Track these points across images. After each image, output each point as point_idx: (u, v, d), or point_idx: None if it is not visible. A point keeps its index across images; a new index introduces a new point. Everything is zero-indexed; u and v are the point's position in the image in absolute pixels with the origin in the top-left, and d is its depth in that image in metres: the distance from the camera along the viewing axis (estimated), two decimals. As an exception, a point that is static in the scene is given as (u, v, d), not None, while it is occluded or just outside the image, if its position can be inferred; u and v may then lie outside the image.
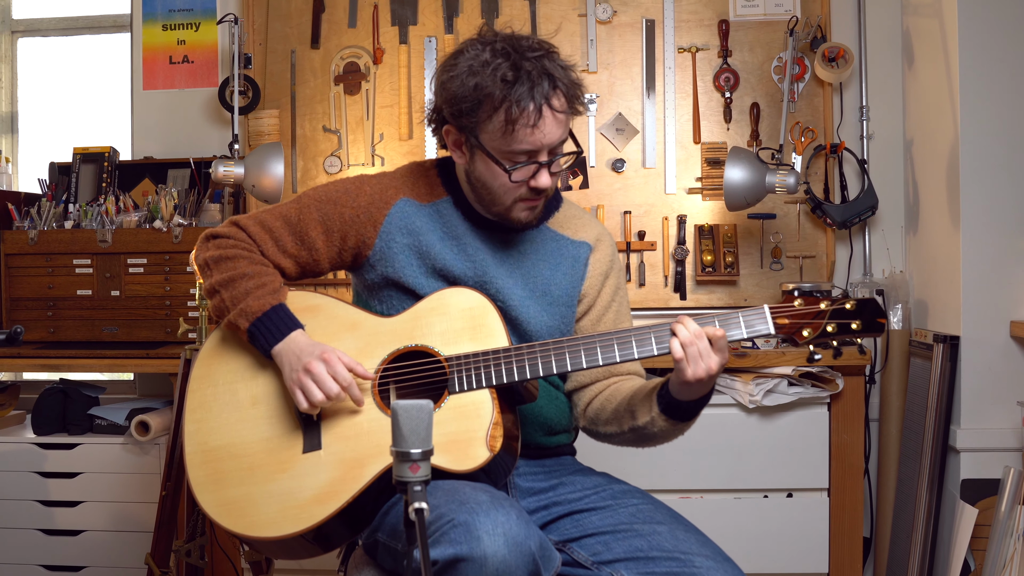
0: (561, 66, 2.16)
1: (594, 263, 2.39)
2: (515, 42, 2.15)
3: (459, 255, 2.29)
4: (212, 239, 2.32)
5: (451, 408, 2.14)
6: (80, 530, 3.78)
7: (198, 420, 2.27)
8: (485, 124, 2.15)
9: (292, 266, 2.32)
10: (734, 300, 3.98)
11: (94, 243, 3.82)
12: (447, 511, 1.90)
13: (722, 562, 2.07)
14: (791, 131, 3.94)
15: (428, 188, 2.36)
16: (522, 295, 2.30)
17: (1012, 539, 3.14)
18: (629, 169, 4.05)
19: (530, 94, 2.09)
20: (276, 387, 2.25)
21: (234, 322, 2.22)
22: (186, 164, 4.16)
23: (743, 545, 3.38)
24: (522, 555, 1.86)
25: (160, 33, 4.34)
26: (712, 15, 4.05)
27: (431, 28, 4.14)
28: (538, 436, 2.34)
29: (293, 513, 2.13)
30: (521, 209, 2.25)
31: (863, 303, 2.12)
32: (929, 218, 3.71)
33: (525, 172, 2.17)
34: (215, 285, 2.25)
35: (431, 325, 2.22)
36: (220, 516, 2.18)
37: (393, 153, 4.12)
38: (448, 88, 2.17)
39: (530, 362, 2.14)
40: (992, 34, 3.35)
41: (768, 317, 2.11)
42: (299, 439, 2.20)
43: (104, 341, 3.83)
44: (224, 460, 2.22)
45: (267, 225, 2.30)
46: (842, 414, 3.50)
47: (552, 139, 2.15)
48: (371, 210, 2.30)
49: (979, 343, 3.36)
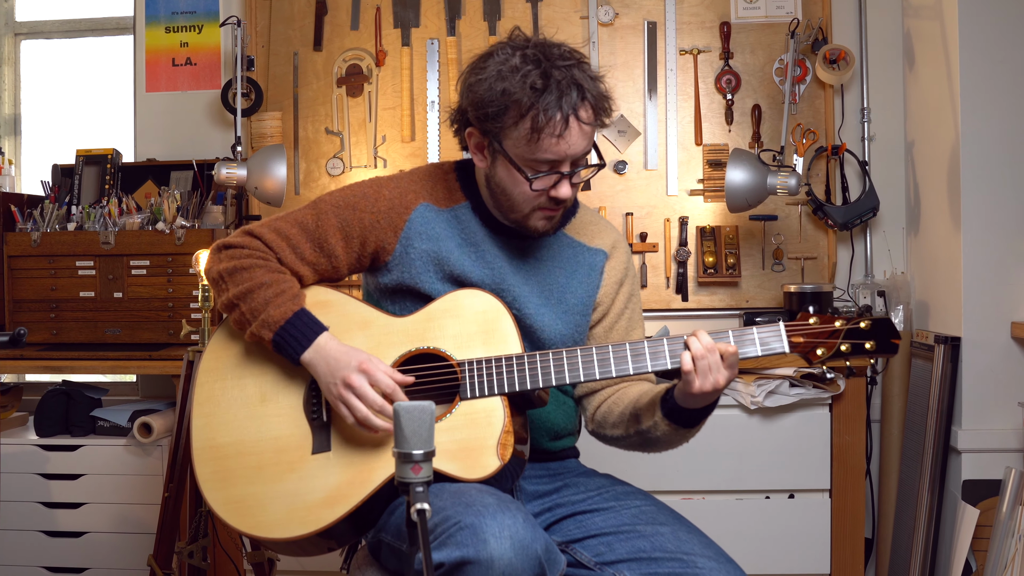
0: (591, 77, 2.13)
1: (609, 271, 2.38)
2: (546, 49, 2.13)
3: (477, 262, 2.27)
4: (224, 249, 2.27)
5: (462, 414, 2.14)
6: (82, 532, 3.78)
7: (206, 415, 2.26)
8: (510, 130, 2.12)
9: (311, 274, 2.28)
10: (736, 302, 3.99)
11: (97, 245, 3.83)
12: (453, 513, 1.90)
13: (724, 563, 2.07)
14: (792, 133, 3.95)
15: (447, 192, 2.32)
16: (538, 303, 2.29)
17: (1013, 540, 3.15)
18: (631, 171, 4.06)
19: (558, 103, 2.06)
20: (285, 383, 2.24)
21: (257, 334, 2.18)
22: (189, 166, 4.17)
23: (745, 546, 3.38)
24: (528, 558, 1.86)
25: (163, 35, 4.35)
26: (714, 17, 4.06)
27: (433, 30, 4.15)
28: (545, 441, 2.34)
29: (300, 515, 2.13)
30: (539, 218, 2.22)
31: (878, 324, 2.11)
32: (930, 219, 3.72)
33: (546, 181, 2.15)
34: (233, 299, 2.20)
35: (444, 327, 2.20)
36: (227, 514, 2.18)
37: (396, 155, 4.13)
38: (475, 91, 2.14)
39: (543, 371, 2.13)
40: (993, 36, 3.36)
41: (783, 336, 2.11)
42: (308, 439, 2.19)
43: (107, 343, 3.84)
44: (232, 457, 2.21)
45: (283, 232, 2.26)
46: (843, 415, 3.50)
47: (576, 150, 2.12)
48: (391, 215, 2.26)
49: (980, 344, 3.36)
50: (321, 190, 4.13)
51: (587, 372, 2.14)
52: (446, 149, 4.08)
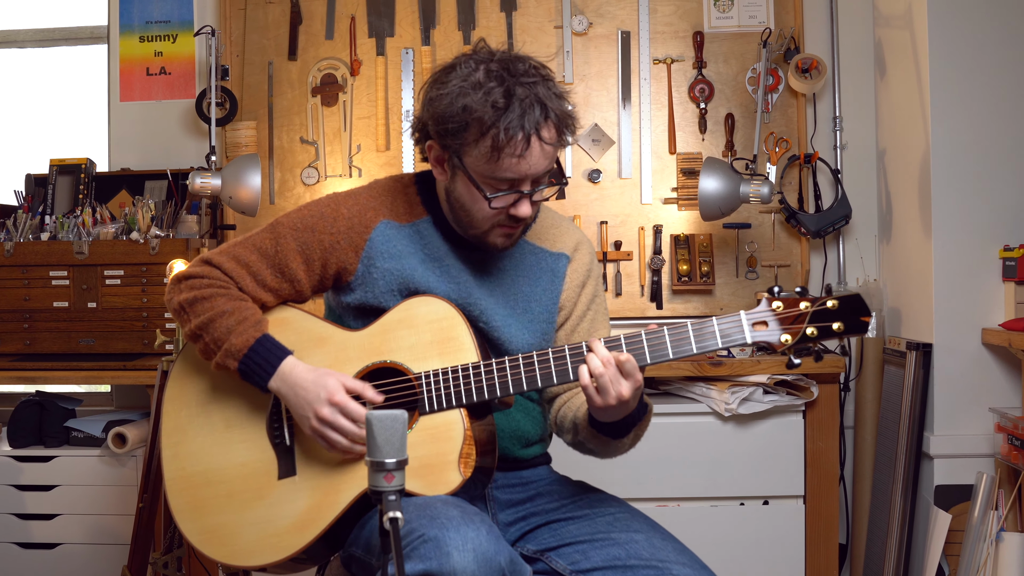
0: (556, 94, 2.09)
1: (571, 273, 2.35)
2: (511, 64, 2.08)
3: (442, 277, 2.24)
4: (184, 280, 2.23)
5: (422, 429, 2.11)
6: (57, 543, 3.76)
7: (175, 444, 2.25)
8: (471, 148, 2.07)
9: (273, 299, 2.25)
10: (710, 309, 4.01)
11: (70, 255, 3.81)
12: (418, 526, 1.89)
13: (699, 570, 2.08)
14: (765, 141, 3.97)
15: (407, 207, 2.29)
16: (504, 314, 2.26)
17: (985, 544, 3.17)
18: (605, 179, 4.07)
19: (520, 122, 2.02)
20: (248, 408, 2.23)
21: (222, 364, 2.16)
22: (163, 176, 4.16)
23: (720, 553, 3.39)
24: (491, 570, 1.86)
25: (137, 45, 4.34)
26: (687, 27, 4.08)
27: (408, 40, 4.15)
28: (515, 449, 2.32)
29: (272, 542, 2.14)
30: (498, 235, 2.19)
31: (846, 302, 2.02)
32: (902, 227, 3.75)
33: (506, 200, 2.11)
34: (195, 329, 2.18)
35: (399, 339, 2.17)
36: (202, 544, 2.19)
37: (371, 164, 4.13)
38: (436, 105, 2.09)
39: (500, 380, 2.09)
40: (962, 45, 3.39)
41: (745, 325, 2.03)
42: (274, 464, 2.19)
43: (81, 353, 3.82)
44: (202, 487, 2.21)
45: (242, 260, 2.22)
46: (817, 422, 3.52)
47: (537, 169, 2.08)
48: (351, 235, 2.22)
49: (951, 350, 3.39)
50: (296, 199, 4.13)
51: (544, 380, 2.09)
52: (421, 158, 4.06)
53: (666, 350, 2.05)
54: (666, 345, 2.05)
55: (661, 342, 2.05)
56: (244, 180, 3.75)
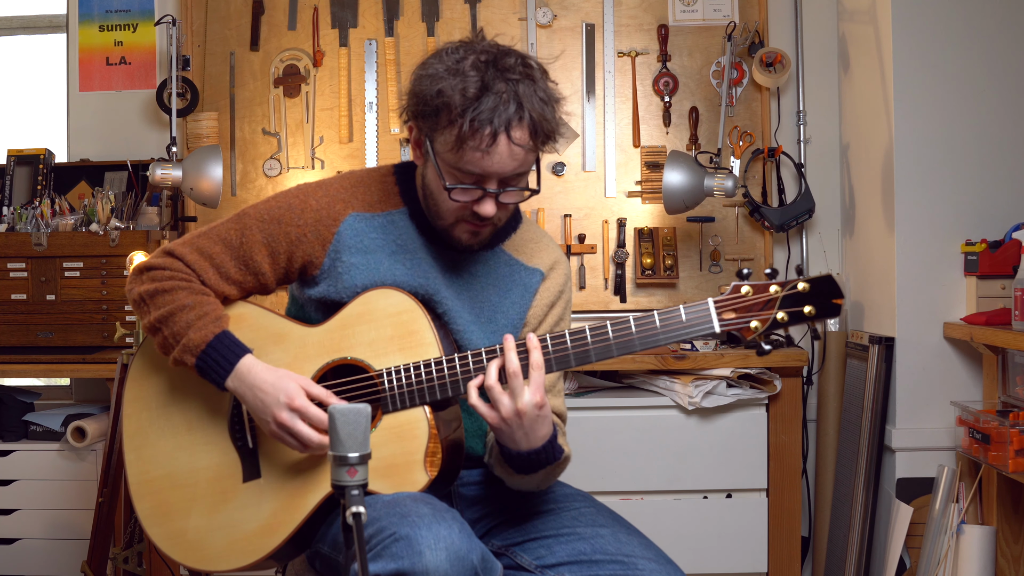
0: (541, 97, 2.04)
1: (543, 291, 2.30)
2: (501, 59, 2.03)
3: (410, 270, 2.18)
4: (146, 271, 2.18)
5: (386, 428, 2.08)
6: (15, 538, 3.72)
7: (137, 448, 2.22)
8: (440, 133, 2.03)
9: (237, 292, 2.20)
10: (674, 302, 3.96)
11: (29, 247, 3.77)
12: (388, 524, 1.87)
13: (664, 564, 2.07)
14: (729, 135, 3.98)
15: (382, 196, 2.24)
16: (468, 319, 2.22)
17: (946, 536, 3.20)
18: (569, 172, 4.07)
19: (490, 116, 1.97)
20: (209, 409, 2.19)
21: (180, 359, 2.11)
22: (123, 167, 4.12)
23: (684, 546, 3.40)
24: (464, 568, 1.84)
25: (97, 34, 4.29)
26: (652, 20, 4.08)
27: (371, 31, 4.13)
28: (478, 446, 2.29)
29: (240, 546, 2.12)
30: (463, 231, 2.14)
31: (817, 284, 1.96)
32: (865, 221, 3.77)
33: (467, 195, 2.06)
34: (154, 322, 2.13)
35: (359, 334, 2.12)
36: (170, 549, 2.17)
37: (333, 156, 4.10)
38: (417, 84, 2.06)
39: (463, 376, 2.05)
40: (926, 40, 3.41)
41: (712, 313, 2.01)
42: (238, 467, 2.16)
43: (39, 346, 3.77)
44: (167, 491, 2.18)
45: (206, 252, 2.17)
46: (780, 415, 3.54)
47: (503, 169, 2.02)
48: (318, 227, 2.17)
49: (913, 344, 3.41)
50: (258, 191, 4.10)
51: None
52: (384, 151, 4.05)
53: (632, 341, 2.03)
54: (632, 335, 2.03)
55: (627, 332, 2.03)
56: (205, 171, 3.71)
